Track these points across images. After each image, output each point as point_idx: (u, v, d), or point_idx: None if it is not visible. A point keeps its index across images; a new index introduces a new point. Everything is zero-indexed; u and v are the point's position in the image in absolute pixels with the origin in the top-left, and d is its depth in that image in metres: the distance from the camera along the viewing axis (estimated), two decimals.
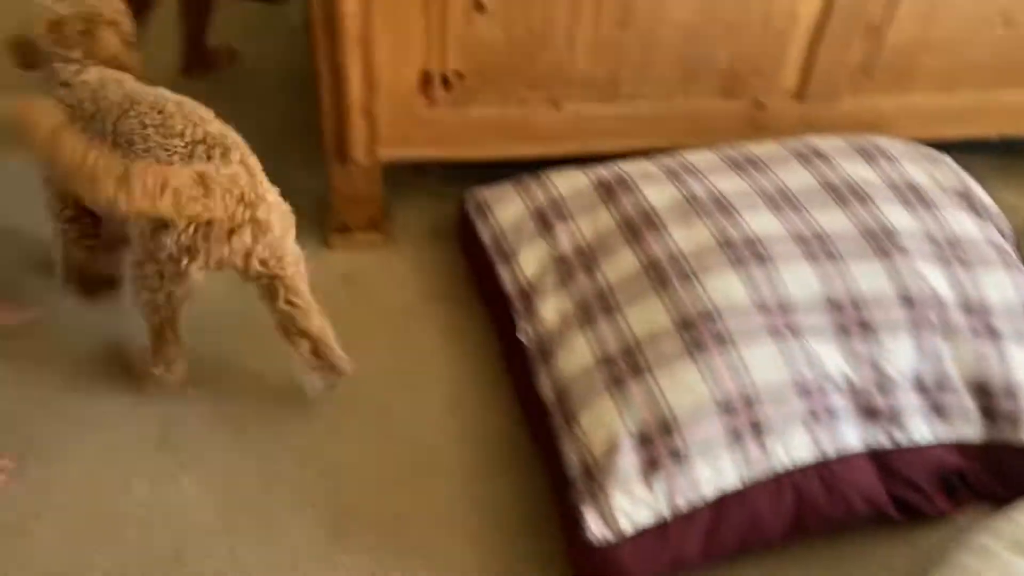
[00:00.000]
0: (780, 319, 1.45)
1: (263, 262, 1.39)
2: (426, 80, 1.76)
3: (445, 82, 1.77)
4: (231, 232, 1.33)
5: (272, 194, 1.39)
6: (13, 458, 1.49)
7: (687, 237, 1.55)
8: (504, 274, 1.68)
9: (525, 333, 1.58)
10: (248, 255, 1.36)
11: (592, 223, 1.67)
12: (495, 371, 1.68)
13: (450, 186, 2.05)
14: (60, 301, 1.75)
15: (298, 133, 2.21)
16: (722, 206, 1.60)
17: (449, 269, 1.89)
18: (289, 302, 1.45)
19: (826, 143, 1.77)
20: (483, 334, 1.74)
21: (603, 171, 1.76)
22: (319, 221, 1.97)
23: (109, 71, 1.49)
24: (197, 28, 2.26)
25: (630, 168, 1.75)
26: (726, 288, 1.47)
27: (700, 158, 1.76)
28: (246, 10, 2.53)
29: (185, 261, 1.33)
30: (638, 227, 1.60)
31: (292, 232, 1.44)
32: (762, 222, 1.57)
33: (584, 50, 1.75)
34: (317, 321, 1.50)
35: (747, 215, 1.58)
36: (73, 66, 1.47)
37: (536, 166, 1.90)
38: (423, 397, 1.64)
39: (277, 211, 1.39)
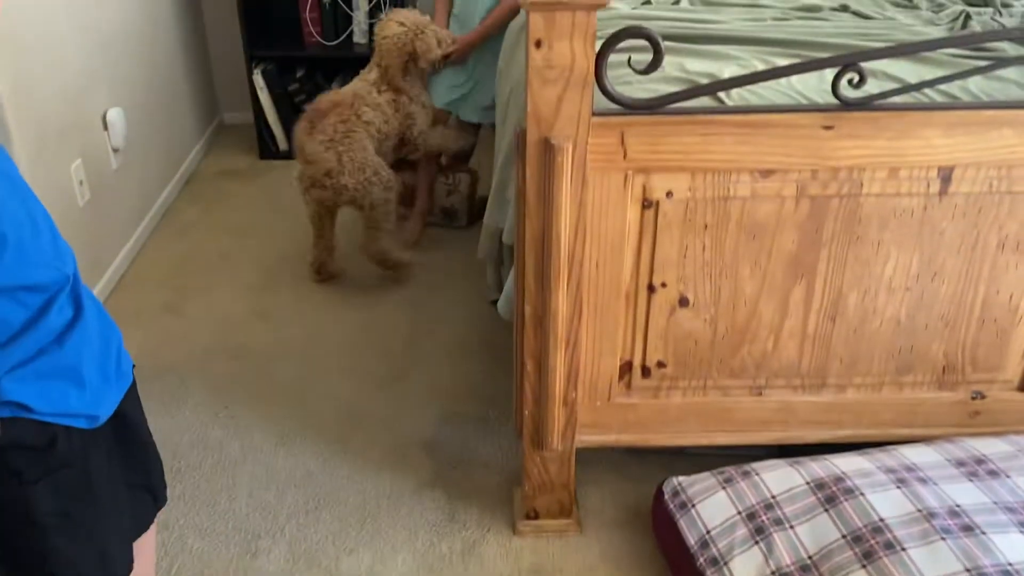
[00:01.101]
0: None
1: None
2: (626, 369, 1.74)
3: (645, 371, 1.75)
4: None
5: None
6: None
7: (930, 563, 1.41)
8: None
9: None
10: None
11: (813, 532, 1.55)
12: None
13: (639, 464, 1.99)
14: None
15: (480, 402, 2.22)
16: (964, 525, 1.47)
17: (645, 563, 1.78)
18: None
19: None
20: None
21: (817, 468, 1.66)
22: (505, 502, 1.92)
23: None
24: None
25: (846, 467, 1.64)
26: None
27: (922, 458, 1.64)
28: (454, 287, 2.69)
29: None
30: (870, 544, 1.48)
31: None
32: (1016, 548, 1.42)
33: (791, 342, 1.71)
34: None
35: (996, 538, 1.44)
36: None
37: (731, 448, 1.83)
38: None
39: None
